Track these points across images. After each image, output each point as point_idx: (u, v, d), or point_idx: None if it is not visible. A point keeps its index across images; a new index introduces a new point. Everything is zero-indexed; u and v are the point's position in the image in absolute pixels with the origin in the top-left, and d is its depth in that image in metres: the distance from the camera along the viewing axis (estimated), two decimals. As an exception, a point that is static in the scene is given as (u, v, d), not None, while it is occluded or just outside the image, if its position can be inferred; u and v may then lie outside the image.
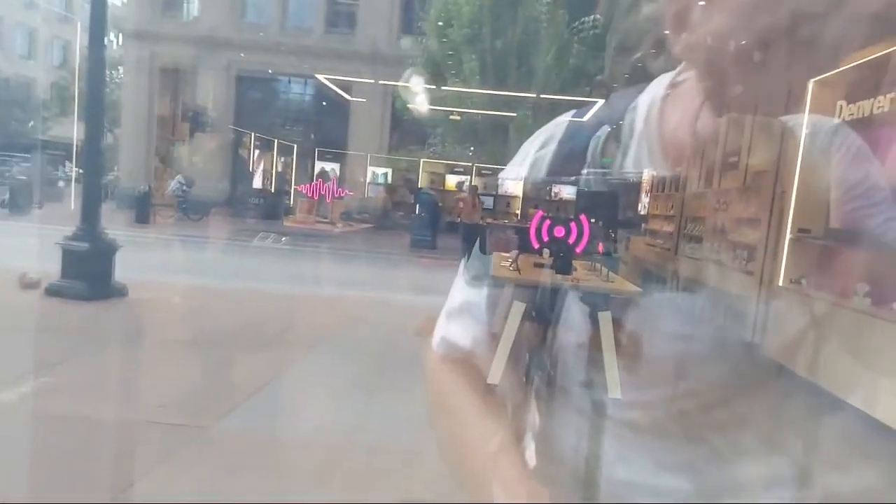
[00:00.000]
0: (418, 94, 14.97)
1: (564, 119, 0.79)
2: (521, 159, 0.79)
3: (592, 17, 13.19)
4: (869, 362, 0.71)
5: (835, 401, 0.64)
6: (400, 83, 15.92)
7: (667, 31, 0.63)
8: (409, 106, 15.82)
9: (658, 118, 0.70)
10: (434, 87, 14.74)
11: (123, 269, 6.28)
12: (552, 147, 0.76)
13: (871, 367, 0.71)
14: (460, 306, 0.79)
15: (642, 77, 0.74)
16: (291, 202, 19.32)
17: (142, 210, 14.59)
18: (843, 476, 0.64)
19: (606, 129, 0.72)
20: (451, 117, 16.77)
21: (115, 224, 10.20)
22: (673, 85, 0.70)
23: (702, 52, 0.61)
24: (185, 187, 16.19)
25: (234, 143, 20.67)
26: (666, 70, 0.72)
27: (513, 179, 0.81)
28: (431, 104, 15.77)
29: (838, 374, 0.64)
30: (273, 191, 20.06)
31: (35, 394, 3.62)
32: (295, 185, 20.17)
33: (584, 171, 0.72)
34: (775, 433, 0.66)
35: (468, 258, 0.82)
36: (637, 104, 0.72)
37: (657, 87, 0.72)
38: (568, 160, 0.73)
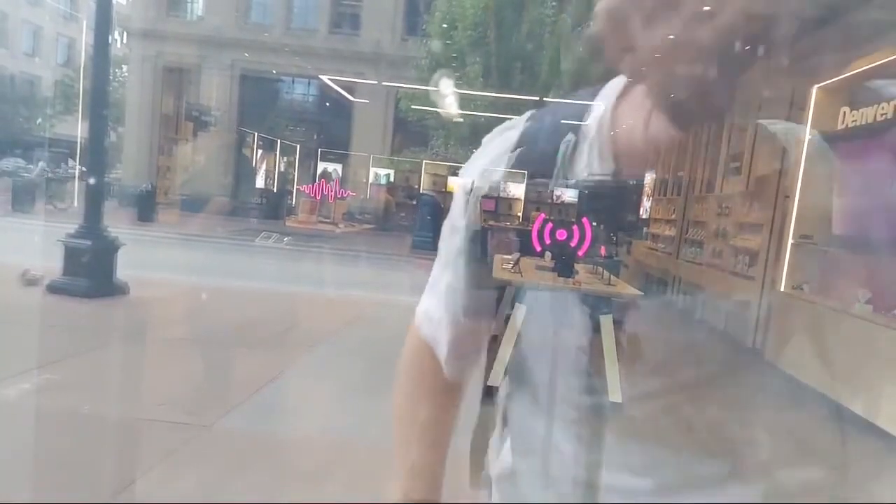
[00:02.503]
0: (438, 96, 14.94)
1: (527, 118, 0.76)
2: (482, 156, 0.77)
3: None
4: (869, 368, 0.71)
5: (834, 406, 0.64)
6: (408, 85, 15.92)
7: (609, 52, 0.58)
8: (435, 109, 15.75)
9: (610, 123, 0.66)
10: (438, 89, 14.75)
11: (125, 267, 6.29)
12: (517, 146, 0.73)
13: (872, 372, 0.71)
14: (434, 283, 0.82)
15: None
16: (294, 202, 19.34)
17: (145, 208, 14.62)
18: (837, 479, 0.64)
19: (572, 136, 0.68)
20: (454, 119, 16.78)
21: (117, 222, 10.24)
22: (625, 89, 0.67)
23: (647, 72, 0.57)
24: (48, 172, 15.65)
25: (237, 143, 20.71)
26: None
27: (471, 178, 0.72)
28: (434, 106, 15.77)
29: (838, 380, 0.64)
30: (275, 190, 20.09)
31: (36, 391, 3.63)
32: (297, 185, 20.19)
33: (554, 174, 0.68)
34: (773, 437, 0.66)
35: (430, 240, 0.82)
36: (592, 107, 0.69)
37: (610, 89, 0.69)
38: (537, 162, 0.70)
